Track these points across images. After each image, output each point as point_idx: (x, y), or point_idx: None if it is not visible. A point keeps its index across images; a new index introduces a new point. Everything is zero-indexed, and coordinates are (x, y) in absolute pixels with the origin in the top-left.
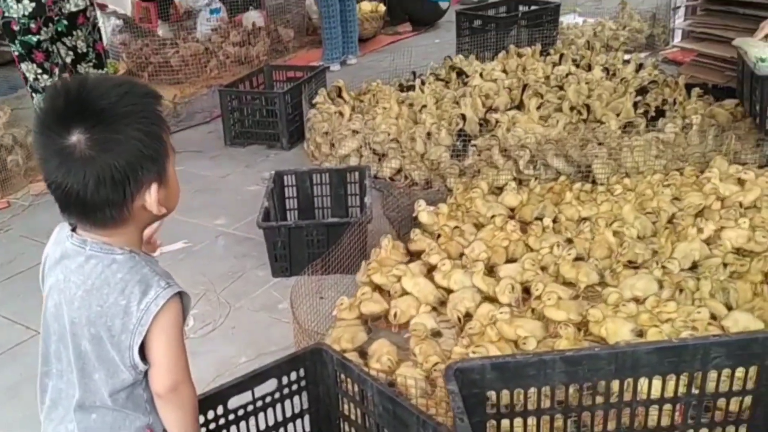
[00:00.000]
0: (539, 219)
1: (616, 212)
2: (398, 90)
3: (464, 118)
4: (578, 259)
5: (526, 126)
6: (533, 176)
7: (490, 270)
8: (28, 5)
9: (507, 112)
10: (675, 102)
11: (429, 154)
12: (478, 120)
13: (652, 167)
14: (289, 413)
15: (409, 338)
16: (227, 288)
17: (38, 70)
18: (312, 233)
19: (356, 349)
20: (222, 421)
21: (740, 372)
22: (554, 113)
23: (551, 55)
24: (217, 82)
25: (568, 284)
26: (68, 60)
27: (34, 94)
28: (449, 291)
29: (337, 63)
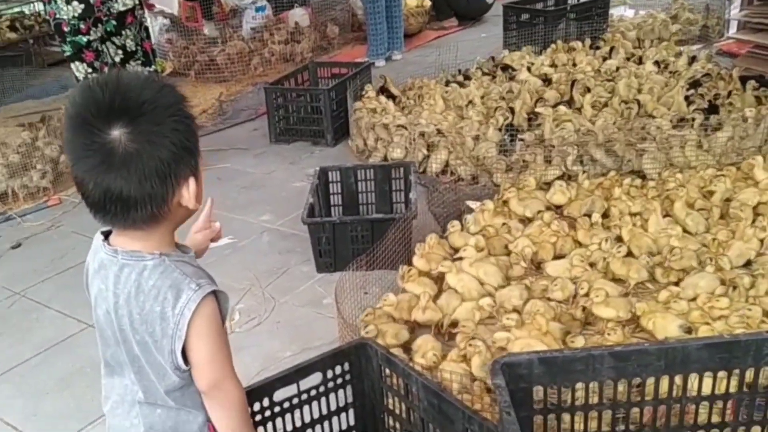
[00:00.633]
0: (588, 215)
1: (667, 207)
2: (444, 86)
3: (512, 112)
4: (629, 255)
5: (577, 122)
6: (582, 171)
7: (538, 266)
8: (78, 7)
9: (552, 108)
10: (729, 94)
11: (476, 150)
12: (527, 115)
13: (705, 162)
14: (334, 407)
15: (456, 335)
16: (272, 283)
17: (88, 70)
18: (356, 229)
19: (400, 345)
20: (267, 413)
21: None
22: (604, 108)
23: (601, 49)
24: (262, 80)
25: (618, 281)
26: (117, 59)
27: None
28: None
29: (382, 59)
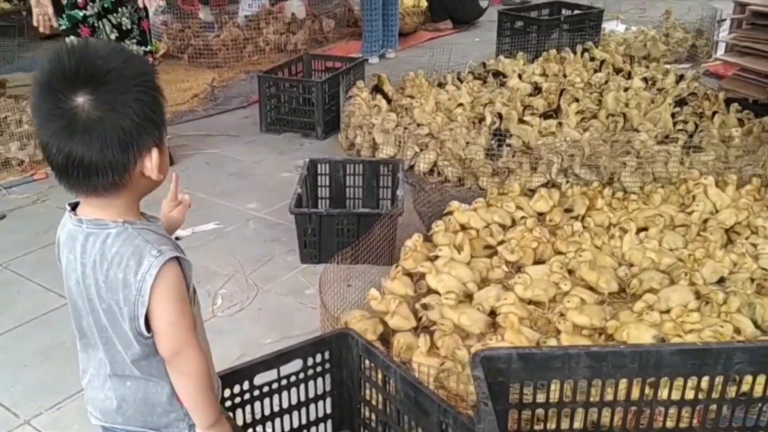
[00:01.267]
0: (569, 210)
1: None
2: (437, 87)
3: (500, 117)
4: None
5: (563, 131)
6: (566, 181)
7: (518, 270)
8: None
9: (540, 116)
10: (713, 115)
11: (464, 152)
12: (516, 121)
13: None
14: (312, 394)
15: (434, 332)
16: (256, 271)
17: None
18: (343, 222)
19: (378, 338)
20: (247, 396)
21: (762, 379)
22: (591, 119)
23: (593, 61)
24: (255, 68)
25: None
26: (113, 36)
27: None
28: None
29: (376, 56)
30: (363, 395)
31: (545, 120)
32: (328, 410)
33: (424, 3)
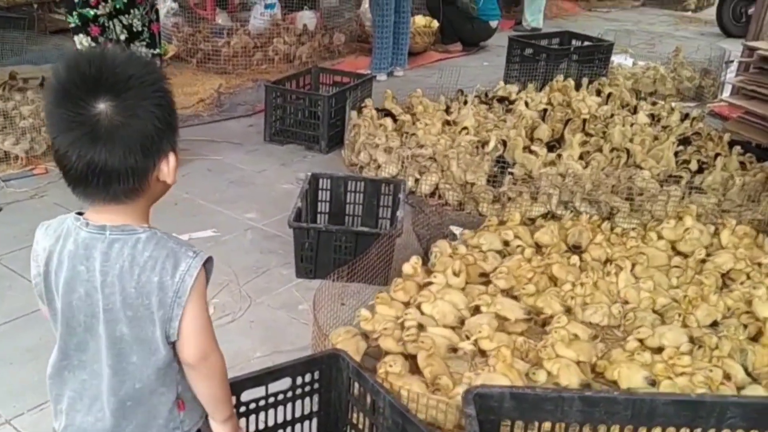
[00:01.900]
0: (577, 247)
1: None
2: (444, 110)
3: (505, 144)
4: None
5: (566, 163)
6: (566, 213)
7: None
8: None
9: (546, 145)
10: (716, 156)
11: (465, 177)
12: (521, 149)
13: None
14: (299, 413)
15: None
16: (250, 282)
17: (92, 44)
18: (341, 239)
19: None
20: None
21: None
22: (594, 152)
23: (600, 94)
24: (263, 77)
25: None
26: (122, 37)
27: None
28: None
29: (384, 73)
30: (350, 418)
31: (549, 149)
32: (314, 431)
33: (436, 24)
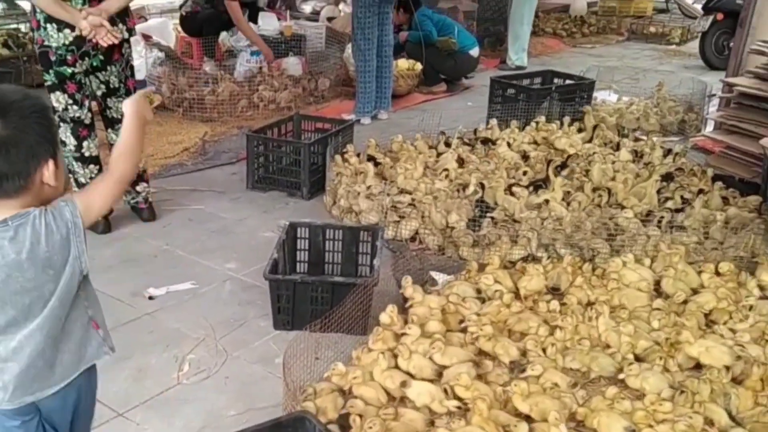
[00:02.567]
0: (556, 289)
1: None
2: (427, 152)
3: (483, 187)
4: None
5: (550, 205)
6: (546, 256)
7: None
8: (69, 35)
9: (527, 187)
10: (700, 192)
11: (446, 221)
12: (503, 191)
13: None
14: None
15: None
16: (227, 336)
17: (69, 101)
18: (317, 290)
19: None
20: None
21: None
22: (576, 191)
23: (583, 132)
24: (249, 124)
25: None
26: (99, 93)
27: (62, 124)
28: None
29: (369, 117)
30: None
31: (533, 190)
32: None
33: (419, 66)
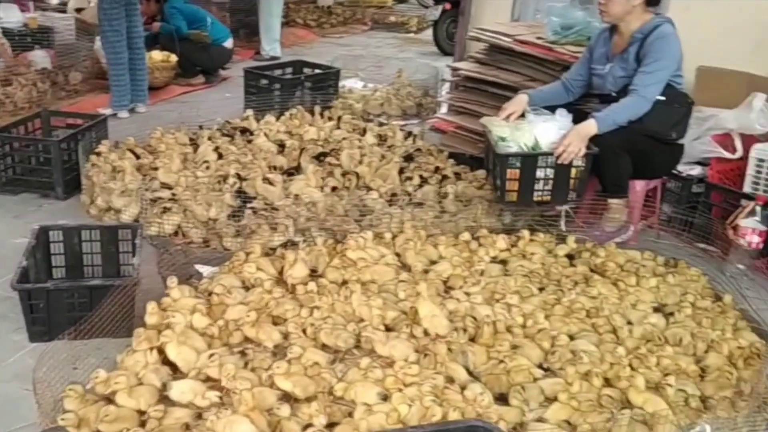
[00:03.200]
0: (314, 271)
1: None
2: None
3: (240, 178)
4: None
5: (304, 190)
6: (302, 240)
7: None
8: None
9: (283, 175)
10: (437, 169)
11: (208, 213)
12: (262, 180)
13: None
14: None
15: None
16: None
17: None
18: (74, 295)
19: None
20: None
21: None
22: (328, 177)
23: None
24: None
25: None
26: None
27: None
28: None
29: (126, 110)
30: None
31: (289, 178)
32: None
33: (174, 58)
